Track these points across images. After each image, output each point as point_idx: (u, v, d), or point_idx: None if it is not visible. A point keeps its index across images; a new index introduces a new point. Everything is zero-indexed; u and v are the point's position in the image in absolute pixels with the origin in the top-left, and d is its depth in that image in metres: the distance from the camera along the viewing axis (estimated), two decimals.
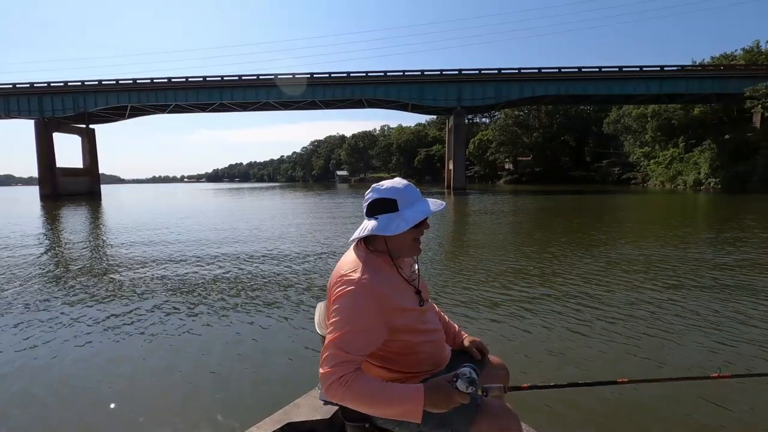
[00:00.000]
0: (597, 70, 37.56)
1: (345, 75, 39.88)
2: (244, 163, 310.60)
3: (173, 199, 34.46)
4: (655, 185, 45.25)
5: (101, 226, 15.07)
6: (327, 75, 40.06)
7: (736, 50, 44.66)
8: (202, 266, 7.02)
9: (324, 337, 1.28)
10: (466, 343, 1.59)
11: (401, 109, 46.19)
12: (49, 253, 8.75)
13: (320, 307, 1.64)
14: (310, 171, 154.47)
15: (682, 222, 13.76)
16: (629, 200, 26.26)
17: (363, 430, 1.31)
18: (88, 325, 4.18)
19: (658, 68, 37.15)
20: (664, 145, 46.18)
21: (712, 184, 35.35)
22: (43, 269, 7.07)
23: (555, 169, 63.60)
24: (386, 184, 1.34)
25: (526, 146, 68.23)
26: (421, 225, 1.33)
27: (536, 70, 38.49)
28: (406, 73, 39.64)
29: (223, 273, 6.48)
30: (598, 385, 1.05)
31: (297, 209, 20.99)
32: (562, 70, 38.09)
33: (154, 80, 39.82)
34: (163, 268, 6.90)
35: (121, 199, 36.81)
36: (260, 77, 39.72)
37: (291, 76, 40.01)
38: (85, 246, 9.77)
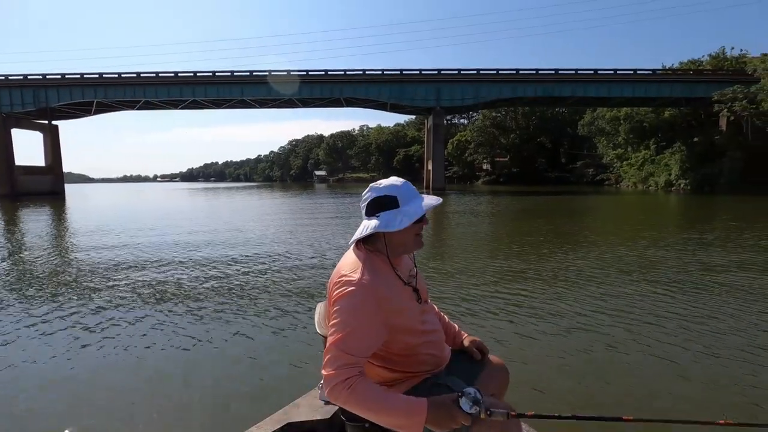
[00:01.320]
0: (573, 72, 38.19)
1: (323, 73, 39.19)
2: (220, 163, 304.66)
3: (144, 199, 33.03)
4: (627, 186, 46.36)
5: (64, 228, 14.03)
6: (305, 72, 39.27)
7: (703, 56, 46.13)
8: (188, 269, 6.75)
9: (324, 337, 1.30)
10: (466, 343, 1.58)
11: (380, 109, 45.83)
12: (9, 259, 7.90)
13: (320, 307, 1.61)
14: (288, 171, 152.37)
15: (663, 223, 13.91)
16: (606, 201, 26.72)
17: (363, 430, 1.29)
18: (83, 334, 3.96)
19: (632, 71, 38.08)
20: (636, 147, 47.32)
21: (682, 186, 36.40)
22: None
23: (531, 170, 64.48)
24: (384, 182, 1.34)
25: (504, 147, 68.99)
26: (421, 220, 1.32)
27: (514, 71, 38.80)
28: (385, 72, 39.28)
29: (212, 276, 6.27)
30: (601, 420, 1.06)
31: (276, 210, 20.33)
32: (539, 71, 38.55)
33: (122, 75, 38.15)
34: (147, 273, 6.51)
35: (87, 199, 35.05)
36: (234, 74, 38.64)
37: (268, 74, 39.04)
38: (53, 249, 8.91)
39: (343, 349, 1.15)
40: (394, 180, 1.35)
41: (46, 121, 42.37)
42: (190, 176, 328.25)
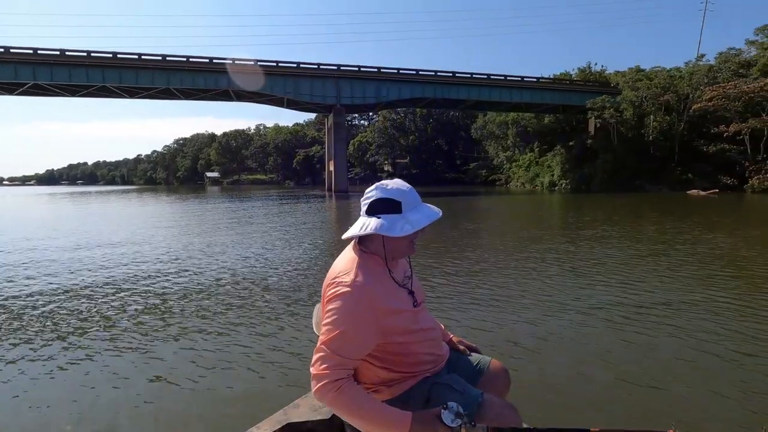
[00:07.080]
0: (469, 76, 39.36)
1: (207, 60, 34.53)
2: (90, 163, 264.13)
3: None
4: (517, 186, 49.70)
5: None
6: (185, 59, 34.16)
7: (573, 69, 51.86)
8: (185, 273, 6.78)
9: None
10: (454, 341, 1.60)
11: (276, 105, 42.37)
12: None
13: (318, 308, 1.59)
14: (174, 172, 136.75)
15: (570, 220, 13.85)
16: (505, 201, 27.59)
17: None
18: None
19: (519, 78, 40.58)
20: (523, 149, 51.20)
21: (563, 185, 39.73)
22: None
23: (431, 171, 66.34)
24: (391, 184, 1.33)
25: (404, 149, 70.03)
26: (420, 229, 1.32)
27: (414, 72, 38.67)
28: (279, 64, 36.04)
29: (206, 278, 6.32)
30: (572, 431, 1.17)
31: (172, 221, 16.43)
32: (438, 73, 38.94)
33: None
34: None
35: None
36: (91, 54, 31.92)
37: (137, 57, 33.13)
38: None
39: (334, 350, 1.15)
40: (401, 184, 1.34)
41: None
42: (50, 179, 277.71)
